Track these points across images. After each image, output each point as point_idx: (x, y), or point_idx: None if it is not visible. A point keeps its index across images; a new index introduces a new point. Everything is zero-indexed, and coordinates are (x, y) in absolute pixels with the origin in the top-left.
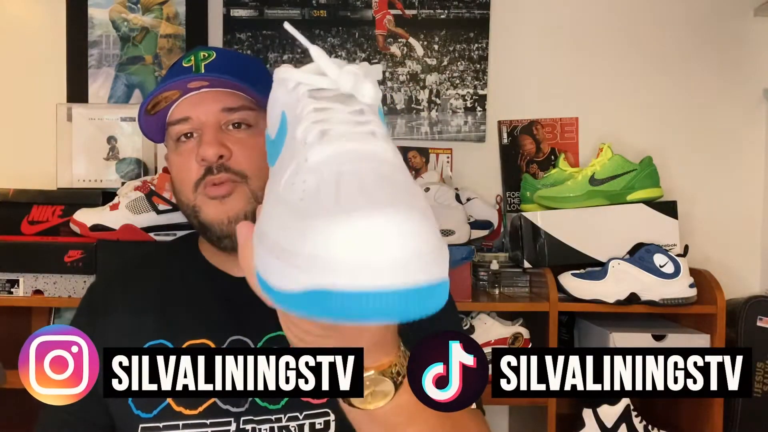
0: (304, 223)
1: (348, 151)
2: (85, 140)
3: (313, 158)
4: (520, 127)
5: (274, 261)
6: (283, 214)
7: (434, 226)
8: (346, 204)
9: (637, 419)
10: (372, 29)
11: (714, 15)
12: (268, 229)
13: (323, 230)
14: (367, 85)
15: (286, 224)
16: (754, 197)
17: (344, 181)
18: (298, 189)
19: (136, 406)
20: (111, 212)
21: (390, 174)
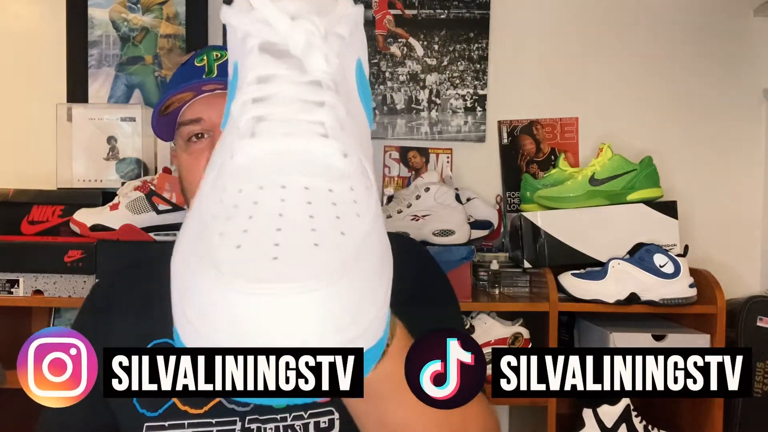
0: (196, 269)
1: (281, 156)
2: (85, 140)
3: (238, 160)
4: (520, 127)
5: (174, 290)
6: (191, 234)
7: (359, 301)
8: (246, 266)
9: (637, 419)
10: (372, 29)
11: (714, 15)
12: (178, 244)
13: (209, 294)
14: (316, 55)
15: (187, 255)
16: (754, 197)
17: (257, 222)
18: (214, 203)
19: (141, 405)
20: (111, 212)
21: (323, 206)
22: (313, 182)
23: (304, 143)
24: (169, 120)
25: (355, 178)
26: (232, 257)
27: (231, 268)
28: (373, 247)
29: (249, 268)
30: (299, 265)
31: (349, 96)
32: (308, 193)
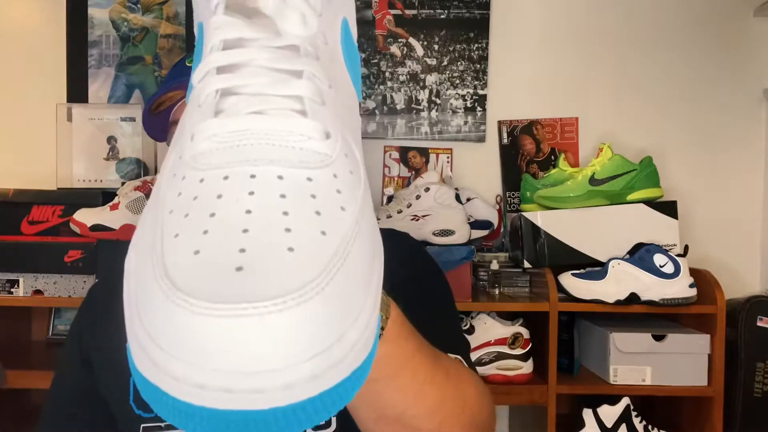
0: (147, 277)
1: (249, 139)
2: (85, 140)
3: (199, 143)
4: (520, 127)
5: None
6: (147, 231)
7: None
8: (205, 279)
9: (637, 419)
10: (372, 29)
11: (714, 15)
12: (134, 241)
13: (161, 311)
14: (292, 15)
15: (142, 256)
16: (754, 197)
17: (219, 220)
18: (172, 195)
19: (138, 406)
20: (111, 212)
21: (299, 199)
22: (287, 171)
23: (277, 123)
24: (162, 120)
25: (339, 162)
26: (189, 267)
27: (186, 281)
28: (362, 244)
29: (208, 282)
30: (269, 277)
31: (333, 62)
32: (282, 184)
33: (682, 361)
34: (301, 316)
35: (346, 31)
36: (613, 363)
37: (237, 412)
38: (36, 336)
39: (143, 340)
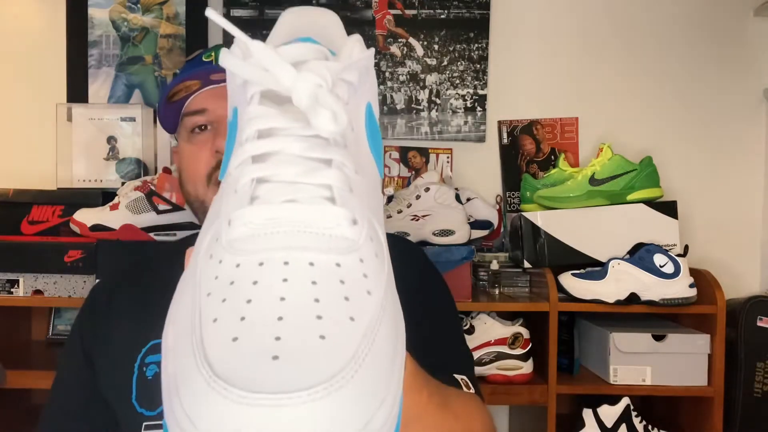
0: (188, 358)
1: (283, 226)
2: (85, 140)
3: (236, 230)
4: (520, 127)
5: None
6: (185, 310)
7: (372, 398)
8: (243, 369)
9: (637, 419)
10: (372, 29)
11: (714, 15)
12: (173, 311)
13: (200, 394)
14: (323, 113)
15: (181, 332)
16: (754, 197)
17: (256, 308)
18: (208, 277)
19: (140, 404)
20: (111, 212)
21: (329, 286)
22: (318, 257)
23: (309, 211)
24: (174, 110)
25: (365, 247)
26: (228, 354)
27: (226, 369)
28: (387, 327)
29: (246, 370)
30: (304, 367)
31: (359, 147)
32: (313, 271)
33: (682, 361)
34: (333, 405)
35: (370, 114)
36: (613, 363)
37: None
38: (36, 336)
39: (182, 422)
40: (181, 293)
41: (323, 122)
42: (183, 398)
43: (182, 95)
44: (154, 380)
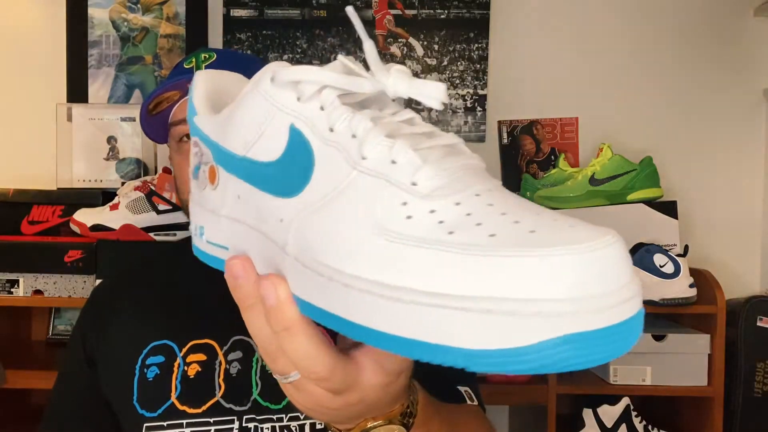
0: (494, 261)
1: (460, 169)
2: (85, 140)
3: (432, 182)
4: (520, 127)
5: (458, 314)
6: (415, 255)
7: None
8: (535, 235)
9: (637, 419)
10: (372, 29)
11: (714, 15)
12: (378, 275)
13: (536, 268)
14: (431, 85)
15: (437, 267)
16: (754, 197)
17: (497, 208)
18: (426, 223)
19: (141, 406)
20: (111, 212)
21: (506, 204)
22: (487, 185)
23: (465, 158)
24: (161, 121)
25: None
26: (520, 241)
27: (530, 238)
28: None
29: (537, 230)
30: (568, 234)
31: None
32: (497, 195)
33: (682, 361)
34: (616, 253)
35: None
36: (613, 363)
37: (625, 321)
38: (36, 336)
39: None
40: (355, 261)
41: (436, 91)
42: (531, 277)
43: (165, 106)
44: (154, 382)
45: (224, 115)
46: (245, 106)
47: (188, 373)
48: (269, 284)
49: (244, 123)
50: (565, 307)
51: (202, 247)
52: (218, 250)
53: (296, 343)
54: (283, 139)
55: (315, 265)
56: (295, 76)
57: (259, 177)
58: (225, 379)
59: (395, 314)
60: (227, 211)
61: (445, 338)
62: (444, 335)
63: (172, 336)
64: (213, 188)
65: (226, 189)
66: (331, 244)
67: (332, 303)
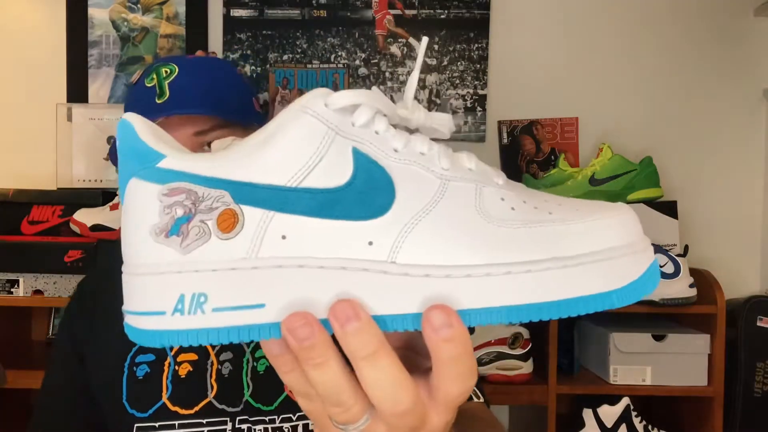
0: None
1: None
2: (85, 140)
3: (503, 182)
4: (520, 127)
5: (590, 266)
6: (506, 230)
7: None
8: (574, 207)
9: (637, 419)
10: (372, 29)
11: (714, 15)
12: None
13: (596, 227)
14: (443, 116)
15: (561, 237)
16: (754, 197)
17: (538, 193)
18: (526, 209)
19: (131, 405)
20: (111, 212)
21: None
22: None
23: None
24: None
25: None
26: (566, 205)
27: (578, 209)
28: None
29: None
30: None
31: None
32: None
33: (682, 361)
34: (635, 214)
35: None
36: (613, 363)
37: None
38: (36, 336)
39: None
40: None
41: (449, 122)
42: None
43: None
44: (144, 380)
45: (246, 146)
46: (292, 132)
47: (179, 372)
48: (346, 306)
49: (291, 150)
50: (638, 246)
51: (196, 324)
52: (241, 314)
53: (381, 370)
54: (348, 163)
55: (434, 271)
56: (351, 100)
57: (325, 206)
58: (217, 380)
59: (559, 280)
60: (268, 257)
61: (599, 287)
62: (598, 284)
63: None
64: (227, 238)
65: (262, 231)
66: (459, 240)
67: (483, 296)
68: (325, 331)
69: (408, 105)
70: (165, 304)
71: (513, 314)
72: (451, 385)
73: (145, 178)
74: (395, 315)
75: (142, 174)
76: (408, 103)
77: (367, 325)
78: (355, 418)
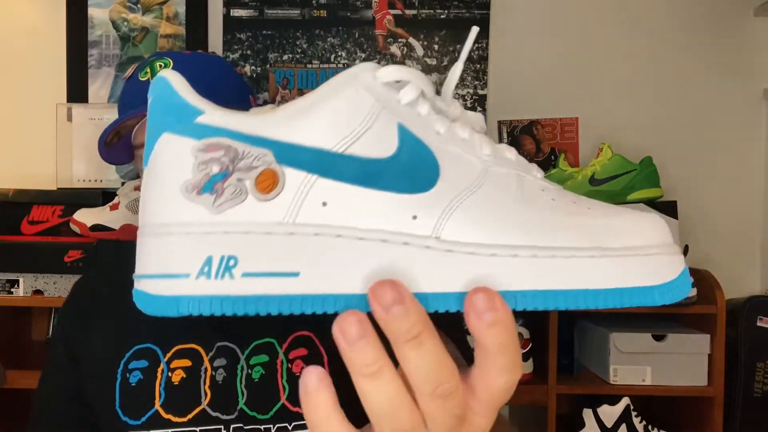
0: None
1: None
2: (85, 140)
3: (538, 173)
4: (520, 127)
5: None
6: (550, 217)
7: None
8: (606, 206)
9: (637, 419)
10: (372, 29)
11: (714, 15)
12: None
13: (635, 224)
14: (476, 115)
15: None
16: (754, 197)
17: (570, 193)
18: (565, 201)
19: (124, 413)
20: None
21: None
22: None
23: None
24: (124, 143)
25: None
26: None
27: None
28: None
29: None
30: None
31: None
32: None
33: (682, 361)
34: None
35: None
36: (613, 363)
37: None
38: (36, 336)
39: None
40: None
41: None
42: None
43: (124, 132)
44: (137, 387)
45: (290, 109)
46: (341, 98)
47: (172, 379)
48: (390, 288)
49: (340, 116)
50: (671, 249)
51: (222, 289)
52: (272, 282)
53: (425, 351)
54: (393, 138)
55: (479, 249)
56: (400, 76)
57: (370, 175)
58: (211, 387)
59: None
60: (305, 223)
61: (642, 280)
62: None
63: (156, 340)
64: (265, 199)
65: (303, 195)
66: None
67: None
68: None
69: (447, 98)
70: (189, 266)
71: (559, 300)
72: (496, 378)
73: (180, 133)
74: (438, 293)
75: (177, 128)
76: (447, 97)
77: (413, 309)
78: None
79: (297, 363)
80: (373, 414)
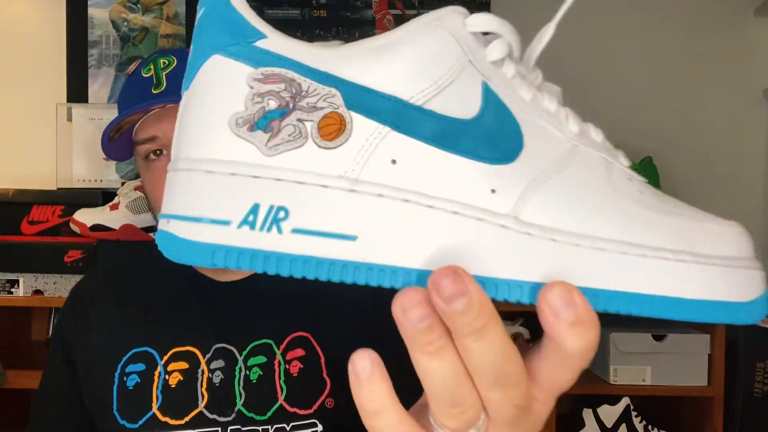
0: (693, 224)
1: None
2: (85, 140)
3: (625, 161)
4: None
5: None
6: (641, 211)
7: None
8: (689, 207)
9: (637, 419)
10: (372, 29)
11: (714, 15)
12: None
13: (726, 232)
14: (557, 88)
15: (688, 231)
16: (754, 197)
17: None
18: (650, 195)
19: (121, 416)
20: (111, 212)
21: None
22: None
23: None
24: (123, 142)
25: None
26: (681, 203)
27: (695, 210)
28: None
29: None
30: None
31: None
32: None
33: (682, 361)
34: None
35: None
36: (613, 363)
37: None
38: (36, 336)
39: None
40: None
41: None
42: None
43: (127, 127)
44: (135, 391)
45: (364, 48)
46: (425, 42)
47: (169, 382)
48: (453, 279)
49: (422, 63)
50: (755, 264)
51: (267, 243)
52: (325, 243)
53: (489, 343)
54: (477, 97)
55: (562, 237)
56: (493, 26)
57: (450, 135)
58: (208, 389)
59: (693, 276)
60: (370, 181)
61: (730, 295)
62: (719, 291)
63: (153, 343)
64: (327, 147)
65: (371, 149)
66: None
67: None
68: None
69: (529, 64)
70: (232, 212)
71: (643, 306)
72: (565, 373)
73: (233, 56)
74: (510, 280)
75: (231, 51)
76: (530, 62)
77: (477, 301)
78: (476, 415)
79: (294, 364)
80: (433, 391)
